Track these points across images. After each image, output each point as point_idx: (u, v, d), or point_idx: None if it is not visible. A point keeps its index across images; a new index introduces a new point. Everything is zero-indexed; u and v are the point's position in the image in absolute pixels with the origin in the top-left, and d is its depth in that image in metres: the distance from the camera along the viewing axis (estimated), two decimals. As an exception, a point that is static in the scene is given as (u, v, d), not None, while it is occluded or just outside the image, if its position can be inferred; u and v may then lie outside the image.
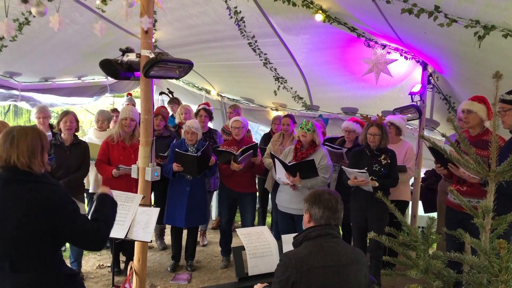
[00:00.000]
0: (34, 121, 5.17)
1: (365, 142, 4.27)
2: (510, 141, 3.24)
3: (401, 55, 5.06)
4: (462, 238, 1.64)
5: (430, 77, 5.20)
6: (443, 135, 1.84)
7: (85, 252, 5.05)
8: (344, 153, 4.95)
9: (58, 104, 6.78)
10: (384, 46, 5.01)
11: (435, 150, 3.87)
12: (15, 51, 4.93)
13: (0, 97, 5.81)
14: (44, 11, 2.73)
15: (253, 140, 5.63)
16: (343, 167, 4.32)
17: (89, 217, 2.33)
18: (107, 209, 2.39)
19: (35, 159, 2.13)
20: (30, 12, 4.03)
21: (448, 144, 1.80)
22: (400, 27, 4.12)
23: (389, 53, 5.08)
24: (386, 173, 4.18)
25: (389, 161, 4.19)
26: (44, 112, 5.09)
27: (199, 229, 5.56)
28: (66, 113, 4.51)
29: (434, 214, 5.12)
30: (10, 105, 6.55)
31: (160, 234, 5.71)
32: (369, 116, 4.40)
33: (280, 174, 4.34)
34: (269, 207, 6.39)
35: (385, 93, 5.74)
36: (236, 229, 3.23)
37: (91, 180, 5.24)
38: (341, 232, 4.85)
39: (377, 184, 4.09)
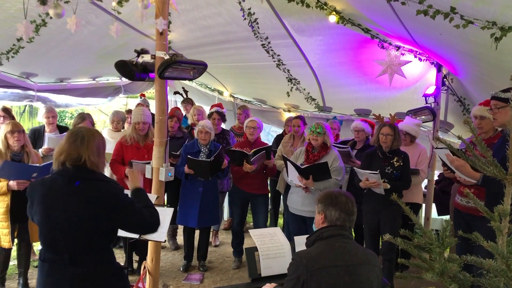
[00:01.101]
0: (42, 121, 5.21)
1: (378, 144, 4.24)
2: (502, 140, 3.17)
3: (415, 56, 5.03)
4: (478, 241, 1.63)
5: (445, 79, 5.16)
6: (459, 137, 1.83)
7: (98, 251, 5.10)
8: (352, 152, 4.93)
9: (73, 104, 6.86)
10: (398, 48, 4.98)
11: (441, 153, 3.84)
12: (31, 52, 5.01)
13: (16, 98, 5.91)
14: (61, 13, 2.77)
15: (265, 141, 5.62)
16: (355, 168, 4.31)
17: None
18: (145, 198, 2.50)
19: (100, 159, 2.31)
20: (47, 14, 4.12)
21: (464, 147, 1.79)
22: (414, 29, 4.10)
23: (403, 54, 5.06)
24: (399, 175, 4.16)
25: (401, 163, 4.16)
26: (52, 112, 5.16)
27: (211, 230, 5.58)
28: (81, 119, 4.58)
29: (447, 217, 5.08)
30: (26, 105, 6.63)
31: (172, 234, 5.74)
32: (382, 116, 4.38)
33: (292, 176, 4.33)
34: (281, 208, 6.39)
35: (398, 94, 5.71)
36: (249, 230, 3.23)
37: (106, 180, 5.27)
38: (353, 234, 4.84)
39: (389, 187, 4.06)
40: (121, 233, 2.59)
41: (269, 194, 5.49)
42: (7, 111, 4.89)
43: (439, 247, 1.64)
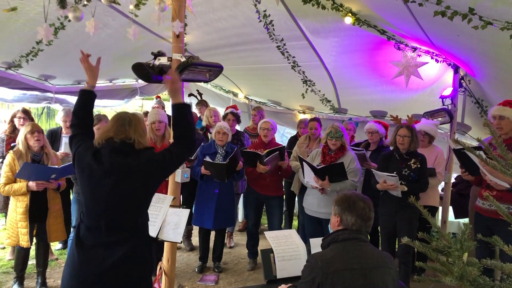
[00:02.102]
0: (59, 123, 5.27)
1: (395, 146, 4.21)
2: None
3: (432, 58, 4.98)
4: (499, 245, 1.61)
5: (462, 80, 5.10)
6: (478, 140, 1.81)
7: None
8: (367, 155, 4.90)
9: (90, 106, 6.93)
10: (414, 49, 4.94)
11: (460, 155, 3.80)
12: (50, 55, 5.09)
13: (35, 100, 6.01)
14: (80, 16, 2.82)
15: (279, 143, 5.61)
16: (372, 170, 4.28)
17: None
18: (184, 117, 2.57)
19: (146, 140, 2.47)
20: (65, 17, 4.18)
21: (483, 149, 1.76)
22: (431, 30, 4.06)
23: (419, 56, 5.01)
24: (416, 177, 4.12)
25: (419, 165, 4.12)
26: (69, 116, 5.20)
27: (226, 231, 5.59)
28: (99, 119, 4.63)
29: (465, 220, 5.02)
30: (44, 107, 6.74)
31: (187, 235, 5.77)
32: (399, 117, 4.34)
33: (308, 177, 4.32)
34: (296, 210, 6.38)
35: (415, 96, 5.65)
36: (264, 232, 3.24)
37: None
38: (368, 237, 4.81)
39: (406, 189, 4.03)
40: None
41: (284, 195, 5.48)
42: (26, 113, 4.97)
43: (458, 250, 1.62)
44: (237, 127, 6.00)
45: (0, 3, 2.90)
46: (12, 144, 4.47)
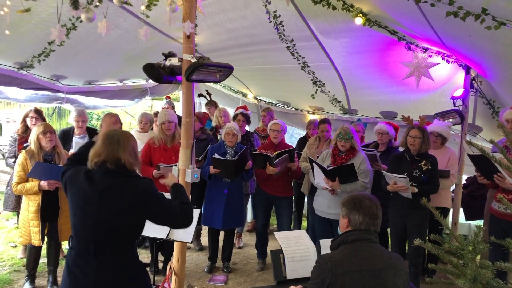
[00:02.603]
0: (72, 123, 5.33)
1: (405, 147, 4.19)
2: None
3: (443, 58, 4.94)
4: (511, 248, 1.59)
5: (473, 81, 5.06)
6: (491, 142, 1.79)
7: (125, 251, 5.17)
8: (377, 155, 4.89)
9: (100, 106, 7.00)
10: (425, 50, 4.91)
11: (475, 159, 3.76)
12: (61, 55, 5.13)
13: (46, 100, 6.06)
14: (92, 17, 2.83)
15: (288, 143, 5.60)
16: (382, 171, 4.26)
17: None
18: (182, 193, 2.61)
19: (137, 160, 2.45)
20: (77, 18, 4.22)
21: (497, 151, 1.75)
22: (443, 30, 4.03)
23: (430, 56, 4.98)
24: (427, 179, 4.09)
25: (430, 167, 4.09)
26: (83, 116, 5.26)
27: (235, 231, 5.60)
28: (109, 116, 4.66)
29: (476, 222, 4.97)
30: (55, 107, 6.80)
31: (197, 235, 5.78)
32: (411, 118, 4.32)
33: (319, 178, 4.31)
34: (305, 211, 6.37)
35: (425, 97, 5.62)
36: (274, 233, 3.24)
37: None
38: (378, 238, 4.78)
39: (416, 190, 4.00)
40: (148, 233, 2.64)
41: (293, 196, 5.47)
42: (38, 113, 5.02)
43: (471, 252, 1.61)
44: (247, 128, 6.00)
45: (13, 4, 2.93)
46: (24, 144, 4.51)
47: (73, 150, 4.97)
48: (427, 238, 4.30)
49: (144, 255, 5.37)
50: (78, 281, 2.28)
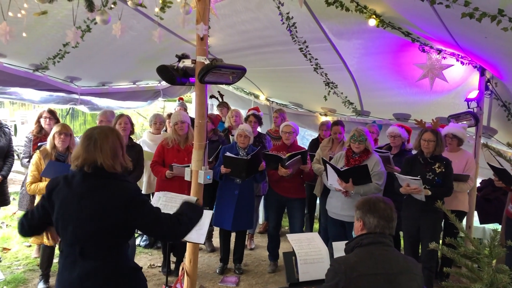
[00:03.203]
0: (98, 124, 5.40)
1: (419, 149, 4.15)
2: None
3: (457, 60, 4.89)
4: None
5: (488, 83, 4.99)
6: (508, 144, 1.77)
7: (137, 251, 5.22)
8: (391, 157, 4.85)
9: (113, 107, 7.05)
10: (439, 51, 4.86)
11: (498, 170, 3.71)
12: (76, 57, 5.18)
13: (61, 101, 6.13)
14: (107, 19, 2.86)
15: (300, 145, 5.59)
16: (395, 173, 4.23)
17: None
18: (187, 205, 2.50)
19: (117, 160, 2.30)
20: (91, 20, 4.26)
21: (514, 154, 1.73)
22: (458, 32, 3.99)
23: (444, 58, 4.93)
24: (440, 182, 4.05)
25: (443, 169, 4.05)
26: (105, 116, 5.32)
27: (247, 233, 5.60)
28: (120, 116, 4.70)
29: (490, 226, 4.91)
30: (69, 108, 6.87)
31: (208, 236, 5.79)
32: (424, 121, 4.28)
33: (332, 180, 4.30)
34: (317, 213, 6.34)
35: (439, 99, 5.56)
36: (286, 235, 3.23)
37: (144, 181, 5.41)
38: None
39: (430, 193, 3.97)
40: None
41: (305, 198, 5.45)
42: (52, 113, 5.08)
43: (487, 257, 1.59)
44: (259, 129, 6.00)
45: (30, 7, 2.96)
46: (39, 144, 4.56)
47: None
48: (440, 241, 4.26)
49: (156, 256, 5.40)
50: (65, 283, 2.26)
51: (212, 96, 7.65)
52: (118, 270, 2.30)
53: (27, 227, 2.41)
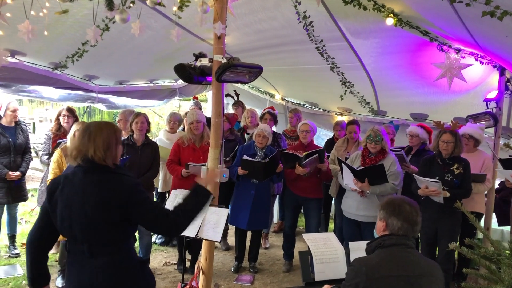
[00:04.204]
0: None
1: (437, 150, 4.11)
2: None
3: (476, 59, 4.82)
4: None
5: (508, 83, 4.92)
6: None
7: (153, 249, 5.25)
8: (406, 156, 4.81)
9: (130, 106, 7.12)
10: (458, 51, 4.80)
11: (508, 164, 3.66)
12: (94, 55, 5.24)
13: (79, 99, 6.21)
14: (127, 18, 2.89)
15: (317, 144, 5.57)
16: (414, 175, 4.19)
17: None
18: (194, 199, 2.43)
19: (110, 153, 2.30)
20: (110, 19, 4.30)
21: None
22: (478, 31, 3.94)
23: (463, 57, 4.86)
24: (459, 183, 4.00)
25: (462, 170, 4.00)
26: (124, 115, 5.41)
27: (262, 232, 5.61)
28: (137, 115, 4.75)
29: (509, 228, 4.84)
30: (87, 106, 6.96)
31: (223, 234, 5.81)
32: (442, 122, 4.23)
33: (348, 180, 4.27)
34: (332, 213, 6.32)
35: (457, 99, 5.50)
36: (302, 234, 3.23)
37: (160, 179, 5.46)
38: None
39: (448, 195, 3.92)
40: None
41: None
42: (71, 111, 5.15)
43: (508, 258, 1.57)
44: (274, 128, 6.00)
45: (51, 6, 3.01)
46: (58, 141, 4.63)
47: None
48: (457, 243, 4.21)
49: (172, 253, 5.43)
50: (75, 282, 2.28)
51: (227, 95, 7.67)
52: (127, 264, 2.33)
53: (44, 241, 2.40)
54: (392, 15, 4.29)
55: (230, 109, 7.70)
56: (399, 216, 2.18)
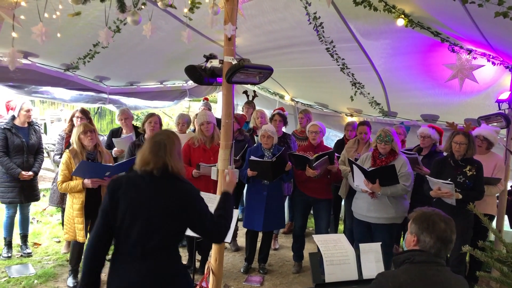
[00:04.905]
0: (118, 123, 5.56)
1: (450, 151, 4.07)
2: None
3: (488, 60, 4.77)
4: None
5: (521, 84, 4.87)
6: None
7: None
8: (420, 159, 4.78)
9: (141, 107, 7.18)
10: (469, 51, 4.76)
11: None
12: (105, 57, 5.29)
13: (90, 100, 6.27)
14: (138, 20, 2.91)
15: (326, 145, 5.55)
16: (427, 176, 4.16)
17: None
18: (229, 207, 2.60)
19: (181, 163, 2.49)
20: (121, 21, 4.34)
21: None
22: (490, 31, 3.91)
23: (475, 58, 4.82)
24: (471, 185, 3.96)
25: (475, 172, 3.96)
26: (125, 114, 5.47)
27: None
28: (151, 115, 4.79)
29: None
30: (98, 107, 7.02)
31: (233, 235, 5.82)
32: (455, 123, 4.20)
33: (358, 181, 4.26)
34: (342, 214, 6.30)
35: (469, 100, 5.45)
36: (313, 236, 3.22)
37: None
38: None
39: (460, 197, 3.89)
40: (188, 232, 2.67)
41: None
42: (84, 113, 5.20)
43: (522, 262, 1.55)
44: (284, 129, 5.99)
45: (63, 8, 3.04)
46: (70, 140, 4.68)
47: (116, 147, 5.17)
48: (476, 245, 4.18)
49: (182, 254, 5.42)
50: (123, 282, 2.34)
51: (244, 92, 7.65)
52: (176, 268, 2.43)
53: (105, 242, 2.45)
54: (403, 16, 4.27)
55: (239, 110, 7.71)
56: (433, 233, 2.05)
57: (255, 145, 5.11)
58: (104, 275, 2.42)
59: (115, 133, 5.49)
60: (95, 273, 2.43)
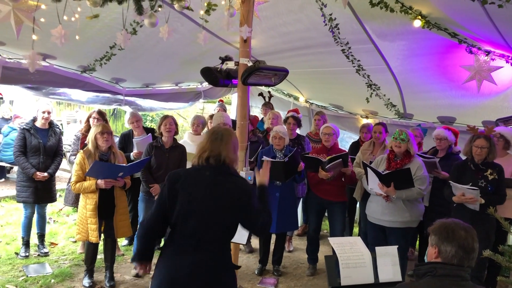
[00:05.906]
0: (128, 126, 5.59)
1: (470, 155, 4.00)
2: None
3: (507, 61, 4.69)
4: None
5: (540, 86, 4.78)
6: None
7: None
8: (437, 162, 4.72)
9: (156, 108, 7.22)
10: (488, 53, 4.68)
11: None
12: (121, 59, 5.33)
13: (107, 101, 6.33)
14: (155, 22, 2.93)
15: (341, 147, 5.52)
16: (450, 182, 4.08)
17: None
18: (268, 200, 2.70)
19: (236, 156, 2.62)
20: (137, 23, 4.37)
21: None
22: (509, 32, 3.84)
23: (493, 59, 4.74)
24: (493, 189, 3.89)
25: (496, 176, 3.89)
26: (136, 116, 5.52)
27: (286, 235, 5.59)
28: (166, 117, 4.82)
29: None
30: (114, 108, 7.08)
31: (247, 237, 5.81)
32: (476, 127, 4.14)
33: (373, 184, 4.22)
34: (357, 217, 6.26)
35: (487, 101, 5.36)
36: (328, 238, 3.21)
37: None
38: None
39: (483, 201, 3.81)
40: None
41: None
42: (101, 114, 5.27)
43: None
44: (298, 131, 5.98)
45: (81, 11, 3.07)
46: (85, 142, 4.74)
47: (135, 149, 5.20)
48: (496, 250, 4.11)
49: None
50: (172, 274, 2.39)
51: (260, 94, 7.66)
52: (226, 264, 2.50)
53: (157, 231, 2.55)
54: (419, 17, 4.23)
55: (253, 112, 7.72)
56: (453, 242, 2.01)
57: (266, 147, 5.11)
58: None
59: (127, 136, 5.50)
60: (148, 243, 2.55)
